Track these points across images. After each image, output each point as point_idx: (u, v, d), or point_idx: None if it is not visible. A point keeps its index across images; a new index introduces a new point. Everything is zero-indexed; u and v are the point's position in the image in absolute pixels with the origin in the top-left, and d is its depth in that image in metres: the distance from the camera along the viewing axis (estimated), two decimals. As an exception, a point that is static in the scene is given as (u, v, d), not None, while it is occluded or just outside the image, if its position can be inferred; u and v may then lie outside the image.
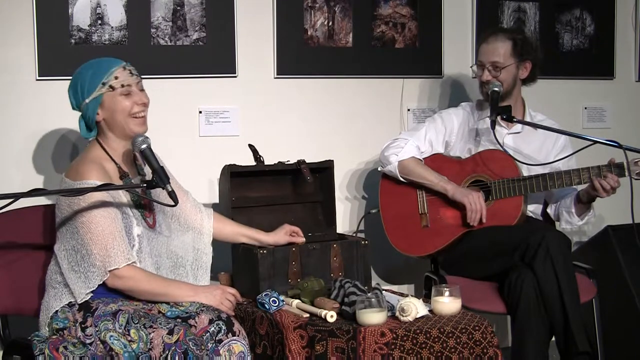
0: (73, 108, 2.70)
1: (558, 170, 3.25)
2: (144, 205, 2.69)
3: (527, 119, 3.40)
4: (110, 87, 2.61)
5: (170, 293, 2.60)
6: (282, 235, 3.00)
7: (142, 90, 2.68)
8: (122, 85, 2.61)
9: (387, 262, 3.80)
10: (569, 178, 3.17)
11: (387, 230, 3.44)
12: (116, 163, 2.67)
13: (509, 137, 3.37)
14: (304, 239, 3.01)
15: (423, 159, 3.39)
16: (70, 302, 2.54)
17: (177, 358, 2.41)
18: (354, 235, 3.52)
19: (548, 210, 3.44)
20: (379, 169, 3.49)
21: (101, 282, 2.53)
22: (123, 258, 2.52)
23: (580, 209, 3.31)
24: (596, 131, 3.76)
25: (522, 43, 3.31)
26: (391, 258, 3.73)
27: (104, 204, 2.54)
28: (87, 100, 2.62)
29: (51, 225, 2.73)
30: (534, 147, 3.38)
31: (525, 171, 3.27)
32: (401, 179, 3.37)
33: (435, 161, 3.38)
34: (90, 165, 2.60)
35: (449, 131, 3.42)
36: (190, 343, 2.44)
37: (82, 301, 2.52)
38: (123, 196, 2.63)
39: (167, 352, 2.41)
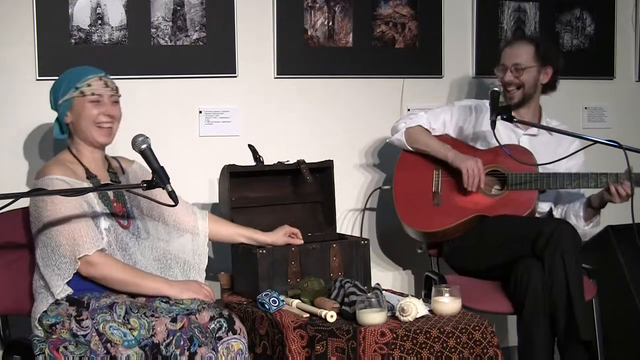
0: (51, 107, 2.80)
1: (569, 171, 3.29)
2: (116, 211, 2.72)
3: (543, 124, 3.42)
4: (81, 92, 2.69)
5: (144, 283, 2.61)
6: (281, 235, 3.00)
7: (115, 102, 2.75)
8: (92, 93, 2.69)
9: (388, 261, 3.80)
10: (586, 180, 3.21)
11: (396, 203, 3.42)
12: (84, 165, 2.72)
13: (525, 138, 3.41)
14: (302, 241, 3.01)
15: (444, 134, 3.45)
16: (57, 300, 2.54)
17: (182, 343, 2.42)
18: (362, 211, 3.58)
19: (554, 212, 3.45)
20: (387, 141, 3.53)
21: (75, 271, 2.54)
22: (92, 245, 2.54)
23: (589, 214, 3.34)
24: (596, 131, 3.75)
25: (545, 48, 3.39)
26: (392, 257, 3.74)
27: (70, 200, 2.57)
28: (60, 102, 2.73)
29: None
30: (549, 151, 3.38)
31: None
32: (408, 147, 3.41)
33: (457, 145, 3.40)
34: (54, 163, 2.69)
35: (464, 120, 3.46)
36: (196, 330, 2.45)
37: (60, 295, 2.53)
38: (93, 197, 2.67)
39: (171, 338, 2.43)
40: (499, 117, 3.22)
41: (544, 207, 3.41)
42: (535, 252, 3.02)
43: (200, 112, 3.50)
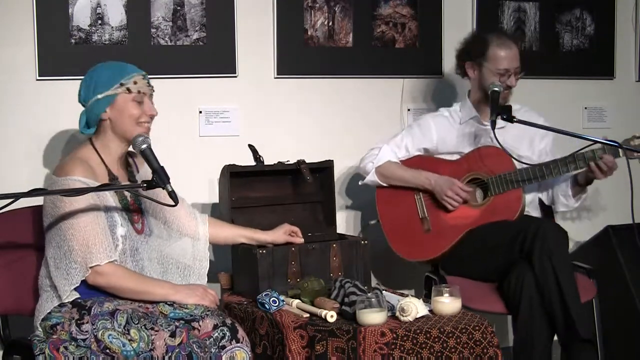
0: (79, 101, 2.70)
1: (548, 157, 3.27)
2: (132, 210, 2.70)
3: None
4: (127, 89, 2.64)
5: (151, 291, 2.60)
6: (281, 234, 3.00)
7: (152, 102, 2.72)
8: (139, 92, 2.65)
9: (388, 262, 3.79)
10: (565, 165, 3.19)
11: (389, 238, 3.42)
12: (106, 165, 2.68)
13: (496, 132, 3.35)
14: (302, 240, 3.01)
15: (414, 156, 3.42)
16: (61, 303, 2.53)
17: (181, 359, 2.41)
18: (359, 238, 3.52)
19: (540, 196, 3.44)
20: (359, 183, 3.50)
21: (83, 278, 2.52)
22: (104, 255, 2.52)
23: (577, 191, 3.33)
24: (596, 131, 3.75)
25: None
26: (391, 258, 3.73)
27: (87, 202, 2.55)
28: (99, 96, 2.64)
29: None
30: (517, 137, 3.37)
31: (518, 165, 3.28)
32: (384, 184, 3.40)
33: (431, 163, 3.39)
34: (77, 162, 2.61)
35: (428, 139, 3.42)
36: (194, 346, 2.44)
37: (67, 299, 2.52)
38: (110, 198, 2.64)
39: (170, 354, 2.42)
40: (499, 117, 3.22)
41: (528, 197, 3.39)
42: (523, 254, 3.02)
43: (200, 112, 3.50)
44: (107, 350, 2.41)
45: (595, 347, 2.98)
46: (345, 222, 3.73)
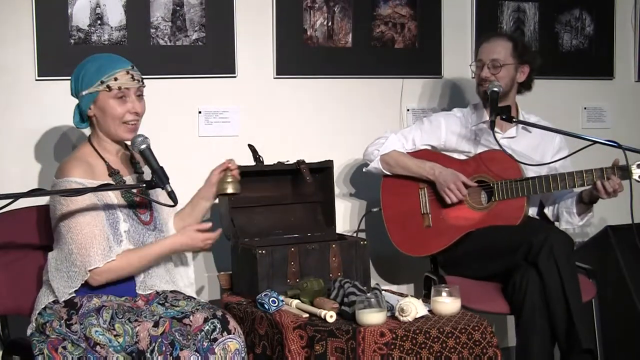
0: (71, 94, 2.70)
1: (557, 171, 3.25)
2: (137, 203, 2.68)
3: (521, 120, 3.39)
4: (108, 87, 2.60)
5: (154, 257, 2.61)
6: (212, 178, 2.87)
7: (140, 96, 2.66)
8: (119, 88, 2.60)
9: (387, 262, 3.80)
10: (572, 180, 3.16)
11: (389, 230, 3.42)
12: (105, 161, 2.67)
13: (503, 142, 3.32)
14: (236, 165, 2.87)
15: (422, 150, 3.40)
16: (55, 299, 2.55)
17: (164, 349, 2.41)
18: (355, 234, 3.52)
19: (545, 211, 3.43)
20: (363, 170, 3.49)
21: (82, 282, 2.53)
22: (101, 257, 2.52)
23: (581, 209, 3.29)
24: (596, 131, 3.76)
25: (522, 46, 3.34)
26: (391, 258, 3.74)
27: (85, 203, 2.54)
28: (83, 93, 2.63)
29: (50, 225, 2.75)
30: (528, 149, 3.36)
31: (524, 171, 3.27)
32: (387, 172, 3.39)
33: (438, 159, 3.37)
34: (75, 162, 2.61)
35: (436, 137, 3.41)
36: (177, 334, 2.44)
37: (62, 299, 2.53)
38: (112, 194, 2.62)
39: (154, 344, 2.42)
40: (498, 117, 3.22)
41: (531, 210, 3.38)
42: (528, 261, 3.01)
43: (200, 112, 3.50)
44: (98, 346, 2.42)
45: (595, 356, 2.97)
46: (345, 222, 3.73)
